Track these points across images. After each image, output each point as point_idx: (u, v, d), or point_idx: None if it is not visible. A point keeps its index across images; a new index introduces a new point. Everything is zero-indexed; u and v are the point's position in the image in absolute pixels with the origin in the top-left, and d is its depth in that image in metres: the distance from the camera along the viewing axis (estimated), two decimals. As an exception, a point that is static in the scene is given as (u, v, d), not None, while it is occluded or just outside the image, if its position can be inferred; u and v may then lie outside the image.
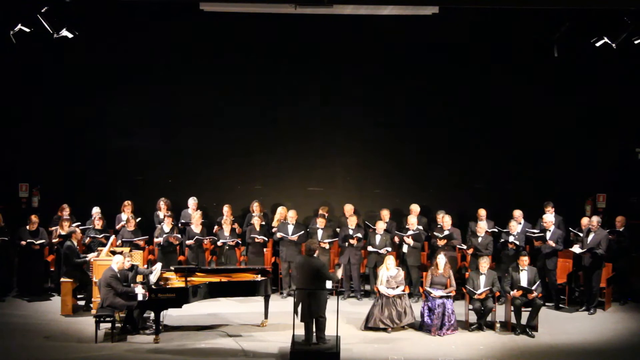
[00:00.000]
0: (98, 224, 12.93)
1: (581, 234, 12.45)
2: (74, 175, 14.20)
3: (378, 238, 12.74)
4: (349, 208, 13.38)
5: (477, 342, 10.97)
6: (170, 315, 11.27)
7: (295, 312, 10.31)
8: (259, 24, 13.77)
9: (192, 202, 13.55)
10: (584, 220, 12.53)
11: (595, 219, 12.35)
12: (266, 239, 13.06)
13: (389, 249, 12.56)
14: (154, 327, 10.76)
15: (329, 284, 10.48)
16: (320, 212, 13.40)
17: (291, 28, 13.71)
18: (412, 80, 14.20)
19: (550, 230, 12.43)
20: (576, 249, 12.34)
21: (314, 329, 10.35)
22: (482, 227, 12.66)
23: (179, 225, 13.24)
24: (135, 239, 12.81)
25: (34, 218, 12.64)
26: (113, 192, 14.01)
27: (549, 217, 12.59)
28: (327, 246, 12.76)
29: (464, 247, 12.83)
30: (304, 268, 10.35)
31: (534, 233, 12.55)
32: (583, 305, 12.43)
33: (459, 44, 13.91)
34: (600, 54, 12.77)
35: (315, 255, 10.52)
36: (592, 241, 12.19)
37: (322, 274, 10.28)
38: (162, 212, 13.34)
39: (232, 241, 12.85)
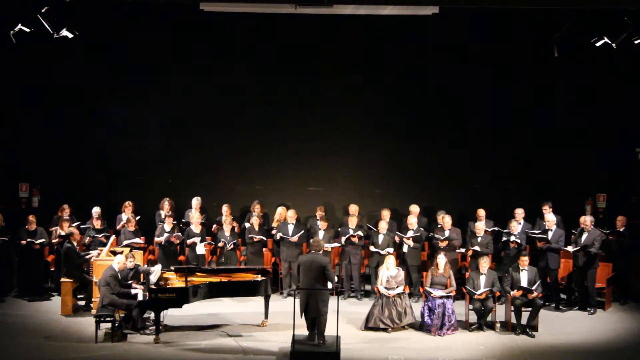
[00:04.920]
0: (97, 224, 12.93)
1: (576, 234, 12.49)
2: (74, 175, 14.19)
3: (381, 238, 12.74)
4: (353, 208, 13.33)
5: (477, 342, 10.97)
6: (171, 315, 11.27)
7: (301, 310, 10.32)
8: (259, 24, 13.77)
9: (195, 202, 13.54)
10: (581, 219, 12.53)
11: (589, 218, 12.37)
12: (264, 238, 13.05)
13: (391, 249, 12.56)
14: (154, 327, 10.76)
15: (329, 285, 10.50)
16: (319, 212, 13.38)
17: (291, 28, 13.71)
18: (412, 80, 14.20)
19: (552, 230, 12.43)
20: (570, 248, 12.34)
21: (315, 327, 10.37)
22: (481, 227, 12.65)
23: (180, 225, 13.22)
24: (136, 240, 12.80)
25: (31, 218, 12.65)
26: (113, 192, 14.01)
27: (551, 217, 12.57)
28: (328, 249, 12.74)
29: (463, 250, 12.84)
30: (309, 265, 10.34)
31: (535, 234, 12.54)
32: (577, 305, 12.45)
33: (459, 44, 13.91)
34: (600, 54, 12.77)
35: (320, 253, 10.56)
36: (586, 240, 12.21)
37: (325, 273, 10.31)
38: (164, 211, 13.32)
39: (230, 245, 12.83)
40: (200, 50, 14.07)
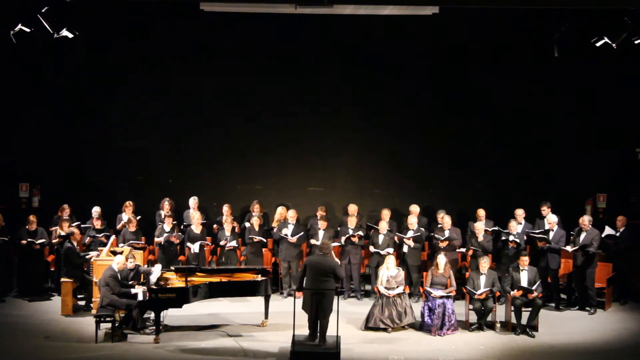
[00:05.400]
0: (97, 224, 12.93)
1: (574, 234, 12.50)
2: (74, 175, 14.19)
3: (381, 238, 12.73)
4: (352, 208, 13.35)
5: (477, 342, 10.97)
6: (171, 315, 11.27)
7: (305, 309, 10.31)
8: (259, 24, 13.77)
9: (192, 202, 13.54)
10: (580, 220, 12.52)
11: (587, 218, 12.37)
12: (264, 239, 13.06)
13: (391, 250, 12.55)
14: (154, 327, 10.76)
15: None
16: (320, 212, 13.39)
17: (291, 28, 13.71)
18: (412, 80, 14.20)
19: (553, 230, 12.43)
20: (569, 248, 12.34)
21: (318, 329, 10.35)
22: (480, 227, 12.64)
23: (181, 227, 13.21)
24: (136, 241, 12.78)
25: (32, 218, 12.65)
26: (113, 192, 14.02)
27: (553, 217, 12.54)
28: (330, 249, 12.76)
29: (464, 250, 12.85)
30: (318, 267, 10.32)
31: (536, 233, 12.54)
32: (577, 305, 12.45)
33: (459, 44, 13.92)
34: (600, 54, 12.77)
35: (329, 255, 10.58)
36: (584, 240, 12.22)
37: (336, 274, 10.34)
38: (164, 211, 13.31)
39: (230, 246, 12.82)
40: (200, 50, 14.06)
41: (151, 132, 14.42)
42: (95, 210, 13.09)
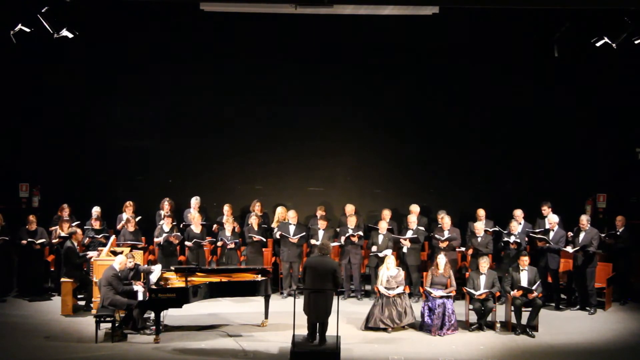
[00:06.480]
0: (96, 224, 12.94)
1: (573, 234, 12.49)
2: (74, 175, 14.20)
3: (381, 238, 12.73)
4: (350, 208, 13.38)
5: (477, 342, 10.97)
6: (171, 315, 11.27)
7: (306, 311, 10.29)
8: (259, 24, 13.77)
9: (194, 201, 13.54)
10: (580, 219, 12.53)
11: (585, 218, 12.38)
12: (264, 239, 13.06)
13: (389, 251, 12.53)
14: (154, 327, 10.76)
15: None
16: (319, 212, 13.39)
17: (291, 28, 13.71)
18: (412, 80, 14.21)
19: (554, 231, 12.43)
20: (569, 248, 12.35)
21: (317, 330, 10.34)
22: (480, 227, 12.66)
23: (181, 226, 13.21)
24: (135, 241, 12.78)
25: (32, 218, 12.65)
26: (113, 192, 14.02)
27: (555, 217, 12.52)
28: (330, 249, 12.76)
29: (464, 249, 12.85)
30: (318, 268, 10.29)
31: (536, 233, 12.54)
32: (577, 305, 12.45)
33: (459, 44, 13.92)
34: (600, 54, 12.77)
35: (329, 255, 10.56)
36: (584, 240, 12.22)
37: (335, 277, 10.29)
38: (164, 211, 13.32)
39: (231, 243, 12.83)
40: (200, 50, 14.07)
41: (151, 132, 14.43)
42: (95, 211, 13.10)
